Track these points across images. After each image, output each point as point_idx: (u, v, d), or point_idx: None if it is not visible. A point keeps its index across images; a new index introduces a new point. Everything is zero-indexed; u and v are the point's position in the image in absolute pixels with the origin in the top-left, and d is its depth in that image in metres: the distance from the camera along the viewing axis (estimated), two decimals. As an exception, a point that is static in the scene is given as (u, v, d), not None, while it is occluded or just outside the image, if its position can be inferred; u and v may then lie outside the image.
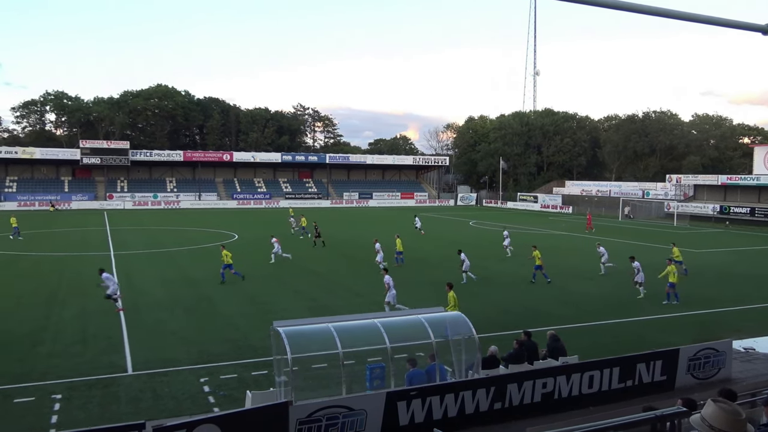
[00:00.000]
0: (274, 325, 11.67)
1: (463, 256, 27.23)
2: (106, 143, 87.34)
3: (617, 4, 8.58)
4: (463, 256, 27.23)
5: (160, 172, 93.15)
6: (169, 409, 12.72)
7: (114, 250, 36.88)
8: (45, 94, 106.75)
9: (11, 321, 19.73)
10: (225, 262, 27.20)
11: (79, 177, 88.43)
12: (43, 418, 12.23)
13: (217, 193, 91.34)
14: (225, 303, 22.86)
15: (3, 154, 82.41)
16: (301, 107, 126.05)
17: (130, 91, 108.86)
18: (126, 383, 14.35)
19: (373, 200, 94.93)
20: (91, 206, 78.78)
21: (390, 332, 12.00)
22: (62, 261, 32.41)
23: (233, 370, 15.25)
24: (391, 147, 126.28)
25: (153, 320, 20.12)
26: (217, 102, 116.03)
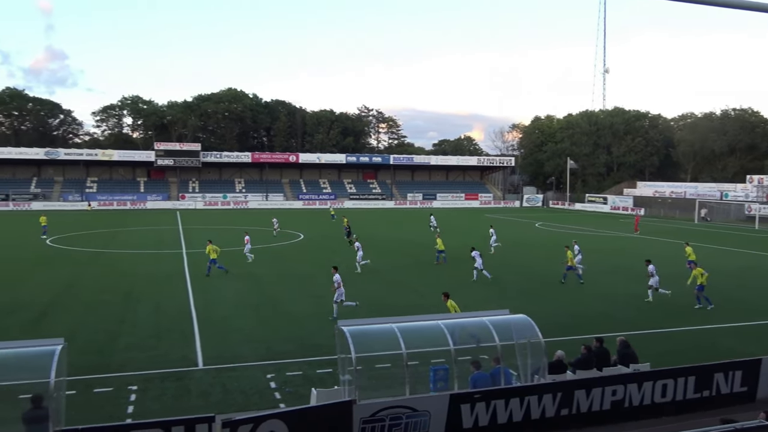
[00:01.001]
0: (339, 324, 11.80)
1: (475, 254, 27.77)
2: (179, 145, 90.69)
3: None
4: (475, 254, 27.77)
5: (229, 173, 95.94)
6: (237, 404, 13.07)
7: (186, 248, 38.21)
8: (122, 99, 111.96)
9: (93, 315, 20.77)
10: (211, 256, 28.25)
11: (154, 178, 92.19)
12: (120, 407, 12.80)
13: (283, 193, 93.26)
14: (291, 301, 23.29)
15: (84, 156, 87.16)
16: (366, 109, 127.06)
17: (202, 95, 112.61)
18: (197, 377, 14.84)
19: (437, 201, 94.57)
20: (165, 206, 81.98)
21: (454, 334, 11.92)
22: (138, 258, 33.81)
23: (299, 367, 15.52)
24: (456, 148, 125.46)
25: (222, 317, 20.72)
26: (283, 104, 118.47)
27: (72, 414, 11.15)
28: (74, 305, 22.23)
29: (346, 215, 51.55)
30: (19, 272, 28.97)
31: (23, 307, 21.71)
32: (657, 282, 23.72)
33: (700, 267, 23.37)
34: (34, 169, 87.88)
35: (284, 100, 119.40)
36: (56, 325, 19.10)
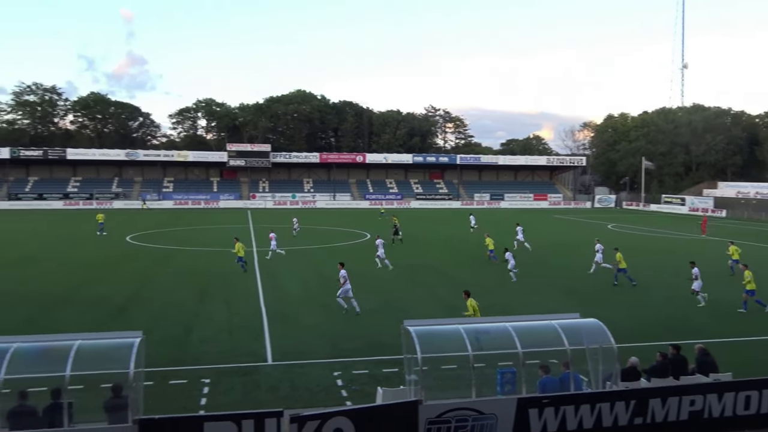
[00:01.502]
0: (405, 324, 11.79)
1: (508, 255, 28.12)
2: (250, 146, 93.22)
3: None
4: (508, 255, 28.12)
5: (298, 173, 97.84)
6: (304, 400, 13.29)
7: (256, 246, 39.19)
8: (197, 102, 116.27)
9: (169, 309, 21.63)
10: (239, 254, 29.24)
11: (226, 178, 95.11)
12: (193, 399, 13.26)
13: (350, 193, 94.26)
14: (358, 300, 23.44)
15: (161, 157, 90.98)
16: (433, 109, 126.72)
17: (273, 97, 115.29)
18: (266, 372, 15.19)
19: (504, 201, 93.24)
20: (236, 205, 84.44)
21: (522, 337, 11.68)
22: (211, 256, 34.95)
23: (365, 365, 15.63)
24: (524, 147, 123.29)
25: (290, 314, 21.12)
26: (351, 105, 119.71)
27: (149, 404, 11.64)
28: (152, 300, 23.22)
29: (396, 215, 51.51)
30: (103, 268, 30.51)
31: (106, 300, 22.87)
32: (699, 286, 22.77)
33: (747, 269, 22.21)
34: (116, 170, 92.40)
35: (351, 101, 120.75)
36: (135, 318, 19.98)
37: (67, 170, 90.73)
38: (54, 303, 22.45)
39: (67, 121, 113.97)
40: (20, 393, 10.14)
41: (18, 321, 19.58)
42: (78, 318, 19.94)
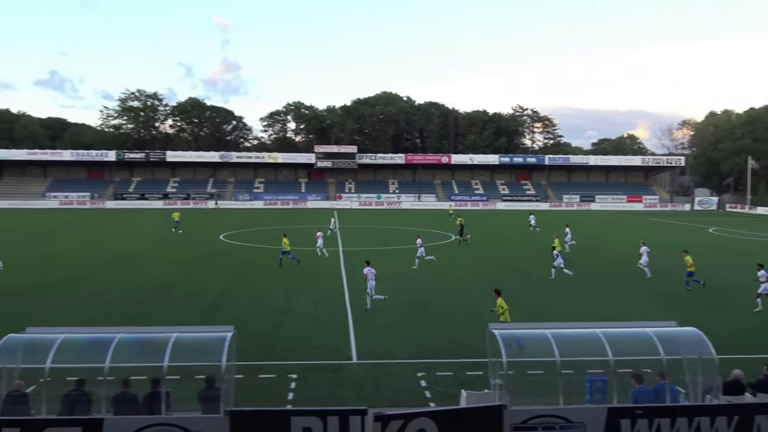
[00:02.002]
0: (490, 327, 11.61)
1: (556, 253, 29.06)
2: (337, 148, 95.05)
3: None
4: (556, 253, 29.06)
5: (383, 174, 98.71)
6: (388, 399, 13.37)
7: (342, 246, 39.85)
8: (287, 105, 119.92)
9: (259, 305, 22.40)
10: (284, 249, 30.87)
11: (314, 179, 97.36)
12: (281, 394, 13.65)
13: (435, 194, 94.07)
14: (442, 301, 23.40)
15: (253, 158, 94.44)
16: (520, 108, 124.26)
17: (359, 99, 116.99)
18: (350, 370, 15.41)
19: (595, 203, 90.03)
20: (323, 206, 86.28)
21: (613, 344, 11.20)
22: (298, 255, 35.81)
23: (449, 367, 15.53)
24: (617, 147, 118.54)
25: (375, 314, 21.31)
26: (436, 106, 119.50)
27: (239, 396, 12.08)
28: (243, 296, 24.11)
29: (461, 216, 51.35)
30: (197, 265, 32.01)
31: (200, 296, 23.99)
32: (766, 289, 21.57)
33: None
34: (211, 171, 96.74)
35: (437, 102, 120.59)
36: (227, 314, 20.85)
37: (167, 171, 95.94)
38: (153, 298, 23.78)
39: (167, 125, 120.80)
40: (123, 380, 10.81)
41: (121, 315, 20.89)
42: (175, 312, 21.03)
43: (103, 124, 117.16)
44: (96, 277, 28.18)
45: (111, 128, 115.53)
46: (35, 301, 22.90)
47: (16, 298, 23.28)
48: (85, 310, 21.45)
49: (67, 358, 10.82)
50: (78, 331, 11.94)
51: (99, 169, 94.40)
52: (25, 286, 25.49)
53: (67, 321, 18.96)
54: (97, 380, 10.51)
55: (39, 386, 10.74)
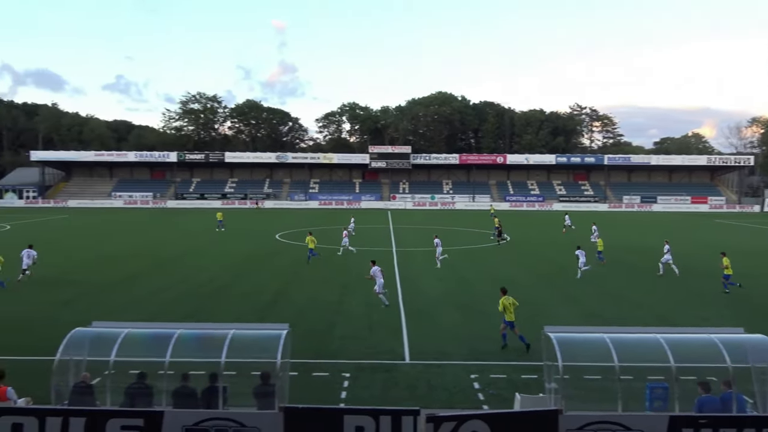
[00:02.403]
0: (545, 330, 11.38)
1: (579, 252, 29.02)
2: (391, 148, 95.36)
3: None
4: (579, 252, 29.02)
5: (437, 175, 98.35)
6: (441, 400, 13.29)
7: (396, 246, 39.91)
8: (342, 106, 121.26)
9: (313, 304, 22.66)
10: (309, 246, 32.43)
11: (368, 179, 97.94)
12: (334, 392, 13.76)
13: (490, 194, 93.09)
14: (496, 303, 23.08)
15: (308, 159, 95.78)
16: (578, 107, 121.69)
17: (414, 99, 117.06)
18: (403, 370, 15.39)
19: (657, 204, 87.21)
20: (377, 206, 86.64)
21: (675, 350, 10.80)
22: (352, 254, 36.07)
23: (502, 370, 15.32)
24: (681, 146, 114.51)
25: (429, 314, 21.25)
26: (491, 105, 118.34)
27: (293, 393, 12.24)
28: (298, 294, 24.45)
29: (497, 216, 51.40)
30: (254, 263, 32.67)
31: (257, 294, 24.47)
32: None
33: None
34: (267, 171, 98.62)
35: (492, 101, 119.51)
36: (282, 312, 21.18)
37: (225, 172, 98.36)
38: (211, 295, 24.39)
39: (226, 126, 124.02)
40: (182, 375, 11.12)
41: (180, 311, 21.52)
42: (232, 309, 21.50)
43: (166, 126, 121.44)
44: (157, 274, 29.13)
45: (173, 130, 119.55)
46: (101, 297, 23.86)
47: (84, 294, 24.32)
48: (147, 306, 22.20)
49: (130, 352, 11.22)
50: (140, 326, 12.37)
51: (161, 169, 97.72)
52: (92, 283, 26.60)
53: (130, 316, 19.68)
54: (158, 374, 10.86)
55: (103, 378, 11.18)
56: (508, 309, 17.25)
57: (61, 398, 10.99)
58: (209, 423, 10.21)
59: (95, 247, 38.90)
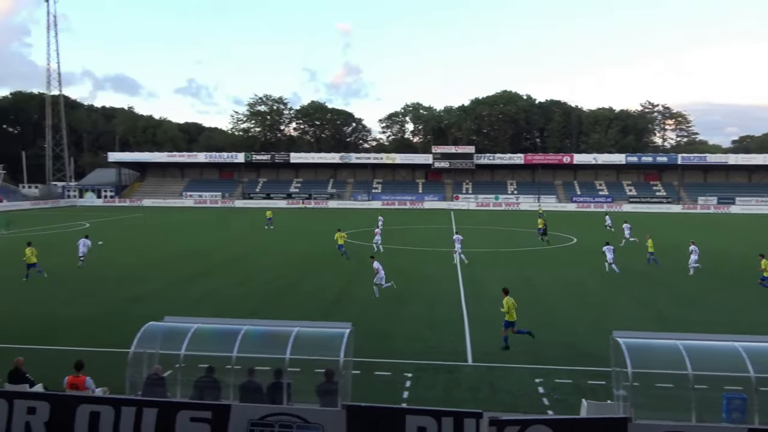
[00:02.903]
0: (614, 335, 11.04)
1: (606, 248, 29.93)
2: (454, 148, 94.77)
3: None
4: (606, 248, 29.93)
5: (501, 175, 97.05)
6: (504, 403, 13.10)
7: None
8: (405, 106, 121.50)
9: (375, 303, 22.80)
10: (339, 242, 34.59)
11: (431, 179, 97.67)
12: (396, 392, 13.79)
13: (556, 195, 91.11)
14: (562, 306, 22.60)
15: (371, 159, 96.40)
16: (650, 105, 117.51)
17: (477, 99, 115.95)
18: (466, 372, 15.26)
19: (735, 206, 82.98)
20: (440, 206, 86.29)
21: (755, 359, 10.26)
22: (415, 254, 36.10)
23: (568, 375, 14.96)
24: (762, 144, 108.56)
25: (492, 316, 20.97)
26: (558, 104, 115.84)
27: (355, 391, 12.33)
28: (360, 294, 24.64)
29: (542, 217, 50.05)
30: (318, 262, 33.14)
31: (320, 292, 24.83)
32: None
33: None
34: (331, 172, 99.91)
35: (559, 100, 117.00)
36: (345, 311, 21.41)
37: (290, 172, 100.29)
38: (277, 293, 24.93)
39: (291, 128, 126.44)
40: (249, 370, 11.40)
41: (247, 308, 22.10)
42: (296, 307, 21.90)
43: (234, 128, 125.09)
44: (225, 271, 29.99)
45: (240, 132, 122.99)
46: (173, 293, 24.80)
47: (157, 290, 25.34)
48: (215, 302, 22.91)
49: (199, 347, 11.60)
50: (209, 321, 12.76)
51: (229, 170, 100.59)
52: (164, 279, 27.69)
53: (199, 312, 20.36)
54: (225, 368, 11.18)
55: (174, 371, 11.59)
56: (511, 309, 17.21)
57: (135, 389, 11.47)
58: (274, 418, 10.41)
59: (167, 245, 40.44)
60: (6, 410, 10.77)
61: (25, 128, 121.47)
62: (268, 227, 52.53)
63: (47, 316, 20.72)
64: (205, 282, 27.18)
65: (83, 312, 21.31)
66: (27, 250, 27.71)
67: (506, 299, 17.35)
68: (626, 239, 40.33)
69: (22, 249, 27.96)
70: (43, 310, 21.62)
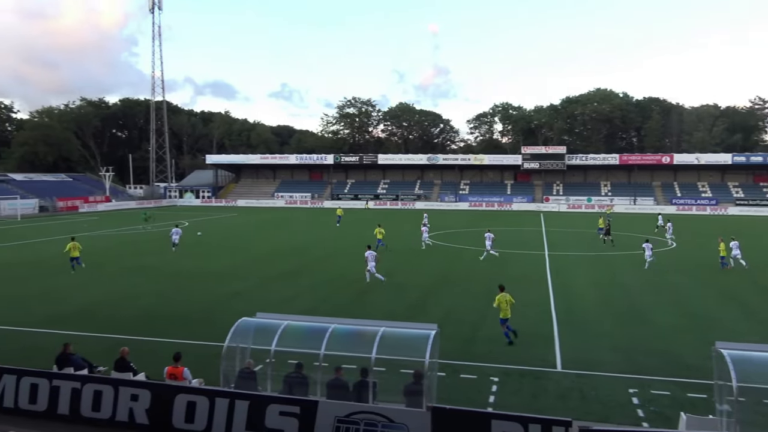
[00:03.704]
0: (717, 346, 10.39)
1: (646, 245, 31.04)
2: (545, 149, 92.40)
3: None
4: (646, 245, 31.04)
5: (594, 176, 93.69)
6: (595, 413, 12.62)
7: (548, 250, 38.62)
8: (494, 107, 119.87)
9: (460, 305, 22.62)
10: (378, 237, 37.84)
11: (520, 180, 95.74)
12: (481, 395, 13.60)
13: (654, 197, 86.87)
14: (658, 313, 21.53)
15: (459, 161, 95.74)
16: (760, 100, 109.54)
17: (569, 97, 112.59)
18: (554, 379, 14.82)
19: None
20: (529, 208, 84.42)
21: None
22: (502, 257, 35.47)
23: (665, 386, 14.21)
24: None
25: (583, 321, 20.31)
26: (657, 101, 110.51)
27: (441, 393, 12.29)
28: (445, 295, 24.53)
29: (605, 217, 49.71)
30: (405, 262, 33.29)
31: (406, 292, 24.91)
32: None
33: None
34: (418, 173, 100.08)
35: (658, 97, 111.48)
36: (431, 312, 21.36)
37: (378, 174, 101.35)
38: (364, 292, 25.24)
39: (379, 129, 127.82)
40: (336, 368, 11.62)
41: (335, 305, 22.54)
42: (383, 307, 22.09)
43: (323, 130, 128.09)
44: (315, 269, 30.73)
45: (330, 134, 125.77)
46: (265, 290, 25.68)
47: (250, 287, 26.33)
48: (305, 300, 23.52)
49: (288, 343, 11.96)
50: (299, 318, 13.11)
51: (319, 171, 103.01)
52: (257, 276, 28.73)
53: (290, 308, 20.98)
54: (313, 365, 11.44)
55: (265, 366, 11.99)
56: (503, 306, 17.79)
57: (228, 381, 11.97)
58: (360, 416, 10.56)
59: (262, 244, 41.92)
60: (112, 396, 11.54)
61: (132, 132, 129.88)
62: (338, 224, 55.36)
63: (150, 309, 22.02)
64: (296, 279, 27.97)
65: (182, 307, 22.47)
66: (69, 245, 30.05)
67: (499, 296, 18.01)
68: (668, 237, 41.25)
69: (140, 243, 29.86)
70: (146, 303, 23.00)
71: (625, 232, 49.58)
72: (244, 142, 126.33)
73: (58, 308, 21.97)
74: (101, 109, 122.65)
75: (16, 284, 26.70)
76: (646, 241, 31.82)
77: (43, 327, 19.21)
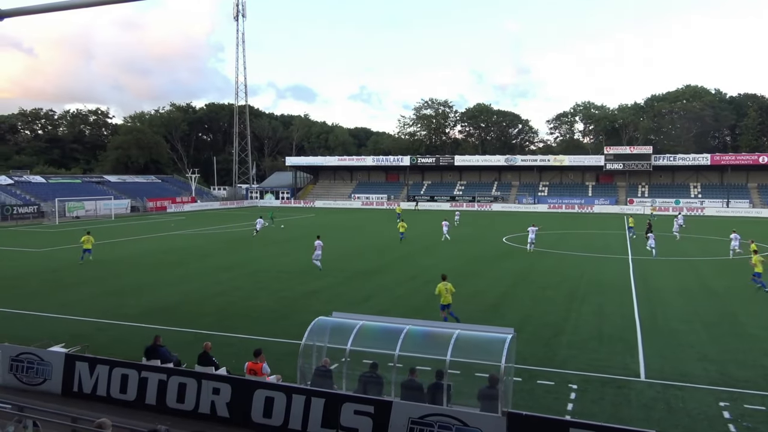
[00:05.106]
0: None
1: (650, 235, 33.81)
2: (629, 149, 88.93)
3: None
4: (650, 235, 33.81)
5: (683, 177, 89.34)
6: (682, 425, 12.02)
7: (632, 254, 37.14)
8: (575, 106, 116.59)
9: (538, 309, 22.10)
10: (401, 231, 42.86)
11: (602, 182, 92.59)
12: (560, 402, 13.21)
13: (749, 200, 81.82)
14: (754, 322, 20.24)
15: (538, 162, 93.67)
16: None
17: (656, 95, 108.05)
18: (638, 389, 14.21)
19: None
20: (612, 210, 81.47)
21: None
22: (583, 260, 34.44)
23: (761, 400, 13.33)
24: None
25: (670, 330, 19.38)
26: (753, 98, 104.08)
27: (517, 399, 12.04)
28: (522, 298, 24.05)
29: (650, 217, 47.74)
30: (482, 265, 32.94)
31: (482, 295, 24.60)
32: None
33: None
34: (495, 174, 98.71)
35: (755, 93, 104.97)
36: (507, 315, 21.00)
37: (454, 175, 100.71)
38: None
39: (456, 130, 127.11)
40: (410, 369, 11.61)
41: (410, 306, 22.55)
42: (457, 309, 21.85)
43: (400, 132, 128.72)
44: (391, 270, 30.89)
45: (406, 135, 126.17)
46: (341, 289, 26.03)
47: (327, 286, 26.76)
48: (381, 300, 23.68)
49: (364, 343, 12.06)
50: (374, 318, 13.21)
51: (395, 173, 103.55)
52: (334, 276, 29.17)
53: (367, 308, 21.18)
54: (388, 365, 11.49)
55: (340, 364, 12.15)
56: (444, 293, 19.20)
57: (305, 378, 12.21)
58: (434, 418, 10.50)
59: (341, 243, 42.56)
60: (195, 389, 12.02)
61: (216, 136, 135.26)
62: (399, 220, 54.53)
63: (230, 305, 22.80)
64: (372, 279, 28.24)
65: (262, 304, 23.14)
66: (84, 237, 32.96)
67: (440, 284, 19.39)
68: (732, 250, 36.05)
69: (225, 242, 31.06)
70: (229, 299, 23.83)
71: (714, 236, 47.02)
72: (322, 144, 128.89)
73: (149, 303, 23.13)
74: (188, 113, 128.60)
75: (113, 280, 28.32)
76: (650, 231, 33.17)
77: (135, 321, 20.26)
